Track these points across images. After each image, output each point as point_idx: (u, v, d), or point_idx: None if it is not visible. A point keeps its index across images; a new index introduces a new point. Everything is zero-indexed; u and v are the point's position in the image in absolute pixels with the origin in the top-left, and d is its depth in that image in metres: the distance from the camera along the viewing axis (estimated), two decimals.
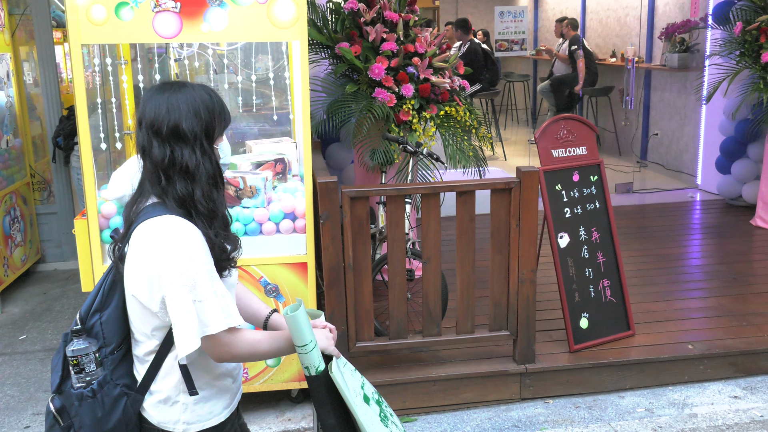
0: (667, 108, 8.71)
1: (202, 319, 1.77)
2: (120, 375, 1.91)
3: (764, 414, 3.69)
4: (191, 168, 1.82)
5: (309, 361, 1.90)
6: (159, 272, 1.77)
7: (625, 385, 3.94)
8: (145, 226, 1.80)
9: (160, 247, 1.77)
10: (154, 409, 1.92)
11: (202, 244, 1.81)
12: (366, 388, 2.08)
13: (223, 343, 1.81)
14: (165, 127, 1.80)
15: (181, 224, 1.80)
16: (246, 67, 4.02)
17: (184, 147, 1.82)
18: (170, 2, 3.19)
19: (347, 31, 4.65)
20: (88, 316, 1.90)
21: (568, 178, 4.00)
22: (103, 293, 1.90)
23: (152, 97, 1.84)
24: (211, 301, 1.78)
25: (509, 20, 9.67)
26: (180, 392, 1.90)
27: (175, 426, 1.92)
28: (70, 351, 1.86)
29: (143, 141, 1.83)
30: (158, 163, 1.81)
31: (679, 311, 4.53)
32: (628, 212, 6.86)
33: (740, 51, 6.11)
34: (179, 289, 1.76)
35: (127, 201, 1.92)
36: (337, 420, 1.96)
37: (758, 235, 6.10)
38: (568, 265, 3.96)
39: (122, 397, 1.89)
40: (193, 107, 1.83)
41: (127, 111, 4.13)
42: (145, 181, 1.86)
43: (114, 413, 1.88)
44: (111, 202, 3.38)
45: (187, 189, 1.82)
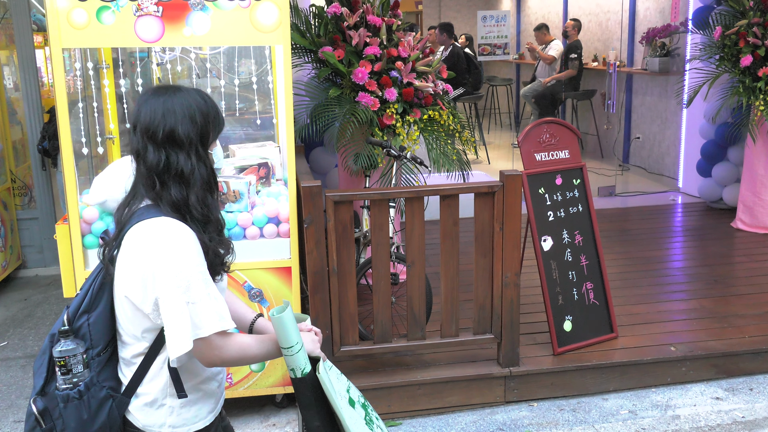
0: (649, 111, 8.79)
1: (195, 321, 1.76)
2: (106, 377, 1.90)
3: (746, 415, 3.72)
4: (186, 173, 1.82)
5: (295, 363, 1.89)
6: (153, 273, 1.76)
7: (608, 388, 3.96)
8: (138, 227, 1.80)
9: (154, 248, 1.76)
10: (139, 411, 1.90)
11: (196, 246, 1.81)
12: (351, 391, 2.08)
13: (214, 346, 1.80)
14: (160, 132, 1.80)
15: (176, 226, 1.80)
16: (229, 71, 4.01)
17: (180, 152, 1.82)
18: (152, 6, 3.17)
19: (330, 36, 4.65)
20: (75, 317, 1.88)
21: (551, 181, 4.02)
22: (91, 295, 1.89)
23: (147, 101, 1.84)
24: (204, 303, 1.77)
25: (492, 24, 9.73)
26: (167, 395, 1.90)
27: (160, 429, 1.91)
28: (58, 352, 1.84)
29: (138, 145, 1.83)
30: (153, 167, 1.81)
31: (661, 313, 4.57)
32: (610, 215, 6.90)
33: (720, 55, 6.17)
34: (173, 291, 1.75)
35: (119, 203, 1.90)
36: (322, 423, 1.95)
37: (739, 237, 6.16)
38: (551, 268, 3.97)
39: (108, 399, 1.88)
40: (189, 112, 1.83)
41: (109, 115, 4.10)
42: (139, 184, 1.86)
43: (99, 415, 1.87)
44: (93, 207, 3.36)
45: (182, 194, 1.82)
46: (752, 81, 5.92)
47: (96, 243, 3.37)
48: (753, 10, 5.92)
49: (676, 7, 8.06)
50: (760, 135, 6.05)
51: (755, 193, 6.21)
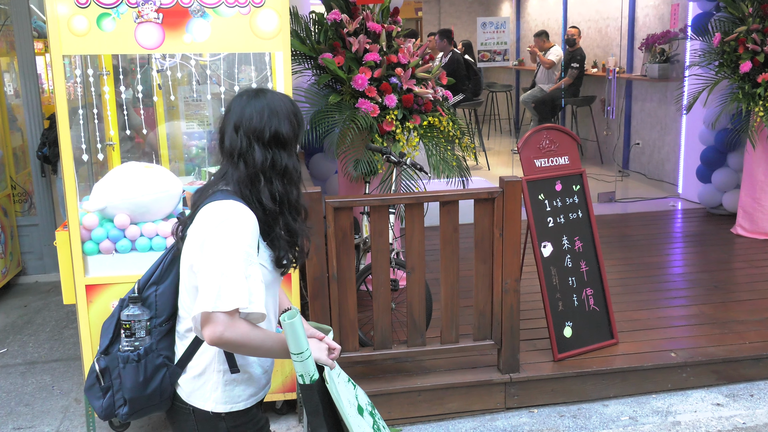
0: (648, 118, 8.80)
1: (222, 292, 1.83)
2: (164, 347, 2.03)
3: (746, 421, 3.72)
4: (290, 170, 1.98)
5: (304, 369, 1.92)
6: (204, 239, 1.88)
7: (609, 394, 3.95)
8: (209, 206, 1.93)
9: (213, 221, 1.89)
10: (187, 384, 2.01)
11: (252, 230, 1.91)
12: (360, 398, 2.10)
13: (220, 321, 1.84)
14: (267, 132, 1.95)
15: (241, 208, 1.91)
16: (229, 78, 4.01)
17: (283, 150, 1.97)
18: (152, 13, 3.18)
19: (330, 42, 4.66)
20: (145, 287, 2.04)
21: (551, 187, 4.03)
22: (162, 268, 2.04)
23: (249, 102, 1.97)
24: (237, 279, 1.85)
25: (491, 31, 9.75)
26: (214, 371, 1.99)
27: (204, 403, 2.00)
28: (125, 315, 1.99)
29: (240, 144, 1.95)
30: (259, 165, 1.94)
31: (661, 319, 4.56)
32: (610, 221, 6.90)
33: (719, 61, 6.18)
34: (214, 259, 1.85)
35: (197, 188, 2.06)
36: (328, 430, 1.99)
37: (739, 243, 6.16)
38: (551, 275, 3.97)
39: (162, 367, 2.01)
40: (287, 114, 1.99)
41: (109, 122, 4.11)
42: (229, 176, 1.96)
43: (153, 380, 1.99)
44: (93, 214, 3.36)
45: (284, 189, 1.97)
46: (752, 87, 5.92)
47: (96, 250, 3.37)
48: (752, 17, 5.93)
49: (676, 13, 8.08)
50: (760, 141, 6.05)
51: (755, 198, 6.21)
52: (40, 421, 3.89)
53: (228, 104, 2.04)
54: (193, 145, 4.44)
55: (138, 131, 3.98)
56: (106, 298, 3.39)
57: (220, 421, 2.02)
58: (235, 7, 3.26)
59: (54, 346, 4.81)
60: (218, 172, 2.03)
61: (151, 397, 2.00)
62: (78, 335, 3.46)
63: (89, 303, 3.38)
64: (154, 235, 3.41)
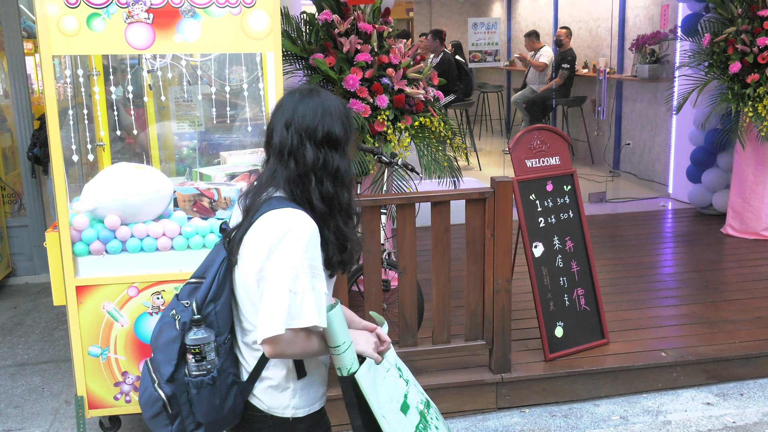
0: (639, 118, 8.83)
1: (292, 310, 1.80)
2: (229, 364, 1.97)
3: (736, 420, 3.74)
4: (341, 172, 1.93)
5: (341, 362, 1.93)
6: (269, 254, 1.83)
7: (600, 393, 3.96)
8: (271, 215, 1.87)
9: (277, 234, 1.83)
10: (264, 395, 1.97)
11: (316, 240, 1.87)
12: (410, 396, 2.11)
13: (284, 339, 1.82)
14: (320, 131, 1.90)
15: (304, 218, 1.87)
16: (220, 78, 4.00)
17: (334, 151, 1.93)
18: (143, 13, 3.17)
19: (321, 43, 4.66)
20: (203, 305, 1.94)
21: (542, 187, 4.04)
22: (217, 283, 1.95)
23: (302, 100, 1.93)
24: (307, 295, 1.82)
25: (482, 31, 9.77)
26: (290, 379, 1.97)
27: (284, 411, 1.98)
28: (192, 340, 1.90)
29: (291, 143, 1.90)
30: (310, 165, 1.89)
31: (652, 319, 4.58)
32: (601, 221, 6.92)
33: (709, 62, 6.21)
34: (280, 275, 1.80)
35: (245, 191, 2.00)
36: (363, 422, 1.99)
37: (728, 243, 6.19)
38: (542, 275, 3.98)
39: (234, 385, 1.96)
40: (339, 115, 1.94)
41: (99, 122, 4.09)
42: (278, 177, 1.92)
43: (228, 400, 1.95)
44: (83, 215, 3.34)
45: (335, 191, 1.93)
46: (741, 87, 5.96)
47: (86, 251, 3.35)
48: (741, 18, 5.96)
49: (665, 14, 8.11)
50: (749, 141, 6.09)
51: (745, 198, 6.25)
52: (30, 423, 3.87)
53: (278, 101, 2.00)
54: (184, 146, 4.43)
55: (128, 132, 3.97)
56: (97, 299, 3.37)
57: (299, 425, 2.01)
58: (226, 7, 3.25)
59: (44, 347, 4.78)
60: (266, 172, 1.97)
61: (227, 416, 1.97)
62: (68, 337, 3.44)
63: (79, 304, 3.37)
64: (145, 236, 3.40)
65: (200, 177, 3.79)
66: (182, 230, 3.43)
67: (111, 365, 3.46)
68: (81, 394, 3.46)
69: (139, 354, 3.46)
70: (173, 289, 3.42)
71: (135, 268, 3.39)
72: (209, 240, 3.45)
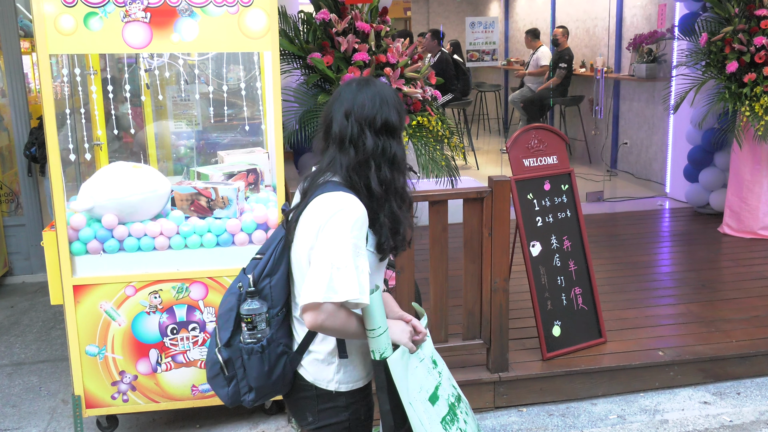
0: (636, 117, 8.84)
1: (333, 284, 1.89)
2: (282, 335, 2.11)
3: (733, 419, 3.74)
4: (398, 158, 2.05)
5: (375, 346, 2.02)
6: (318, 232, 1.94)
7: (597, 392, 3.97)
8: (323, 197, 1.99)
9: (327, 214, 1.94)
10: (311, 366, 2.11)
11: (363, 223, 1.97)
12: (442, 388, 2.19)
13: (324, 310, 1.92)
14: (378, 120, 2.01)
15: (352, 200, 1.97)
16: (217, 77, 4.00)
17: (392, 138, 2.04)
18: (140, 12, 3.17)
19: (319, 42, 4.66)
20: (259, 279, 2.08)
21: (540, 187, 4.04)
22: (274, 259, 2.08)
23: (360, 90, 2.03)
24: (349, 271, 1.91)
25: (480, 31, 9.76)
26: (335, 355, 2.09)
27: (328, 384, 2.10)
28: (246, 310, 2.05)
29: (351, 131, 2.01)
30: (370, 152, 2.00)
31: (649, 318, 4.59)
32: (598, 220, 6.93)
33: (706, 61, 6.22)
34: (325, 251, 1.91)
35: (305, 176, 2.12)
36: (392, 407, 2.08)
37: (725, 242, 6.20)
38: (540, 274, 3.99)
39: (283, 355, 2.10)
40: (394, 103, 2.06)
41: (96, 122, 4.09)
42: (336, 163, 2.02)
43: (276, 368, 2.08)
44: (80, 214, 3.34)
45: (392, 176, 2.04)
46: (738, 87, 5.96)
47: (83, 250, 3.35)
48: (738, 17, 5.97)
49: (663, 13, 8.12)
50: (746, 140, 6.10)
51: (742, 198, 6.26)
52: (27, 422, 3.87)
53: (336, 92, 2.09)
54: (181, 145, 4.42)
55: (126, 131, 3.96)
56: (94, 298, 3.37)
57: (341, 397, 2.12)
58: (224, 6, 3.25)
59: (41, 347, 4.78)
60: (325, 159, 2.07)
61: (275, 383, 2.10)
62: (65, 336, 3.44)
63: (77, 303, 3.36)
64: (142, 235, 3.40)
65: (198, 176, 3.79)
66: (180, 229, 3.43)
67: (108, 364, 3.45)
68: (78, 393, 3.46)
69: (136, 353, 3.45)
70: (170, 289, 3.42)
71: (132, 268, 3.39)
72: (207, 239, 3.45)
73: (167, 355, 3.48)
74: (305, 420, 2.16)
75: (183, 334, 3.48)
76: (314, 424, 2.15)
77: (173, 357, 3.49)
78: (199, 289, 3.45)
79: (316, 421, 2.14)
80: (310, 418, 2.15)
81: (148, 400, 3.53)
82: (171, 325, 3.46)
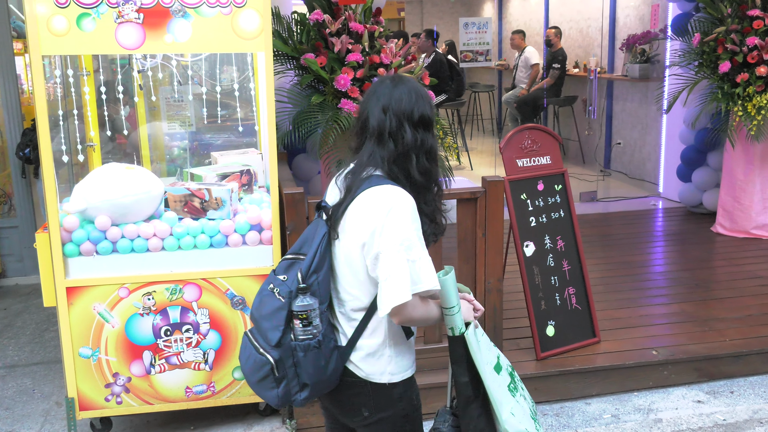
0: (629, 117, 8.86)
1: (414, 276, 1.97)
2: (329, 330, 2.13)
3: (727, 418, 3.75)
4: (434, 149, 2.13)
5: (453, 323, 2.14)
6: (381, 230, 1.98)
7: (591, 392, 3.98)
8: (372, 192, 2.03)
9: (384, 210, 1.99)
10: (362, 362, 2.13)
11: (416, 212, 2.05)
12: (501, 360, 2.30)
13: (411, 304, 1.99)
14: (416, 115, 2.08)
15: (404, 193, 2.04)
16: (211, 78, 3.99)
17: (428, 131, 2.12)
18: (133, 13, 3.16)
19: (312, 42, 4.65)
20: (307, 275, 2.09)
21: (533, 187, 4.04)
22: (319, 256, 2.10)
23: (396, 86, 2.10)
24: (424, 261, 2.00)
25: (474, 31, 9.76)
26: (386, 346, 2.12)
27: (381, 377, 2.13)
28: (300, 306, 2.05)
29: (390, 125, 2.07)
30: (410, 145, 2.07)
31: (643, 318, 4.60)
32: (592, 220, 6.94)
33: (699, 62, 6.23)
34: (396, 248, 1.96)
35: (345, 171, 2.17)
36: (469, 379, 2.17)
37: (719, 241, 6.22)
38: (534, 274, 3.99)
39: (335, 349, 2.12)
40: (427, 97, 2.14)
41: (89, 123, 4.08)
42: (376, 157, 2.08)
43: (330, 363, 2.10)
44: (73, 216, 3.33)
45: (430, 165, 2.11)
46: (731, 87, 5.98)
47: (76, 251, 3.34)
48: (731, 17, 5.99)
49: (656, 14, 8.14)
50: (739, 140, 6.12)
51: (735, 197, 6.28)
52: (21, 425, 3.85)
53: (371, 89, 2.16)
54: (174, 146, 4.42)
55: (119, 132, 3.96)
56: (87, 300, 3.36)
57: (394, 389, 2.16)
58: (217, 7, 3.24)
59: (34, 349, 4.76)
60: (363, 153, 2.12)
61: (330, 378, 2.11)
62: (59, 338, 3.43)
63: (70, 305, 3.35)
64: (136, 237, 3.39)
65: (191, 177, 3.79)
66: (173, 231, 3.43)
67: (102, 366, 3.44)
68: (72, 395, 3.45)
69: (130, 355, 3.45)
70: (164, 290, 3.42)
71: (126, 269, 3.38)
72: (200, 240, 3.45)
73: (161, 356, 3.48)
74: (360, 416, 2.18)
75: (177, 335, 3.47)
76: (370, 418, 2.17)
77: (167, 359, 3.49)
78: (193, 290, 3.45)
79: (372, 414, 2.16)
80: (366, 413, 2.17)
81: (142, 402, 3.52)
82: (164, 326, 3.45)
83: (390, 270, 1.96)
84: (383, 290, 1.97)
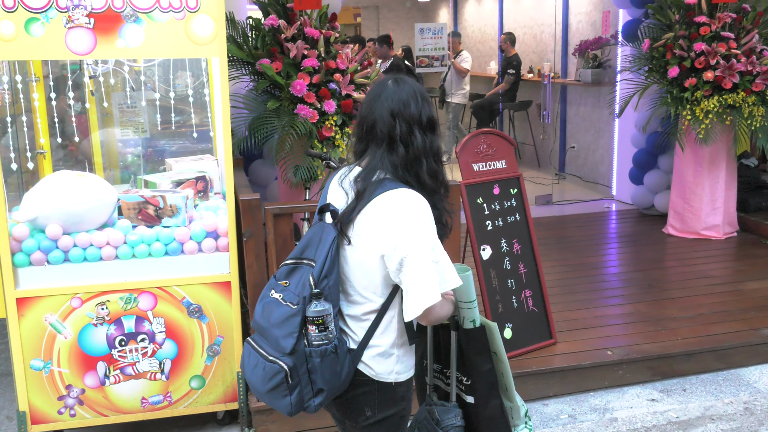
0: (583, 122, 9.01)
1: (442, 276, 2.03)
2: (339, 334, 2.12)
3: (680, 415, 3.83)
4: (440, 151, 2.15)
5: (474, 315, 2.23)
6: (403, 235, 1.99)
7: (548, 393, 4.02)
8: (387, 196, 2.03)
9: (403, 214, 2.00)
10: (372, 362, 2.13)
11: (432, 213, 2.07)
12: None
13: (439, 305, 2.03)
14: (424, 117, 2.09)
15: (419, 197, 2.05)
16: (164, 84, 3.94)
17: (433, 132, 2.12)
18: (83, 18, 3.11)
19: (268, 48, 4.63)
20: (319, 280, 2.07)
21: (489, 191, 4.08)
22: (330, 260, 2.08)
23: (399, 89, 2.09)
24: (446, 260, 2.05)
25: (429, 37, 9.84)
26: (395, 346, 2.14)
27: (389, 376, 2.15)
28: (315, 312, 2.03)
29: (400, 130, 2.06)
30: (421, 150, 2.07)
31: (598, 318, 4.67)
32: (547, 223, 7.03)
33: (649, 67, 6.37)
34: (421, 251, 1.98)
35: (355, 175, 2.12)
36: (491, 368, 2.28)
37: (670, 242, 6.36)
38: (491, 277, 4.03)
39: (347, 353, 2.11)
40: (428, 98, 2.14)
41: (39, 130, 3.99)
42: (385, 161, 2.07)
43: (344, 367, 2.09)
44: (23, 225, 3.26)
45: (438, 167, 2.12)
46: (680, 91, 6.12)
47: (27, 261, 3.26)
48: (679, 23, 6.13)
49: (607, 20, 8.30)
50: (688, 143, 6.26)
51: (685, 199, 6.43)
52: None
53: (373, 92, 2.13)
54: (128, 153, 4.35)
55: (70, 139, 3.88)
56: (39, 311, 3.29)
57: (399, 388, 2.18)
58: (170, 12, 3.21)
59: None
60: (371, 158, 2.10)
61: (344, 381, 2.11)
62: (9, 350, 3.35)
63: (20, 317, 3.27)
64: (88, 246, 3.32)
65: (145, 184, 3.73)
66: (127, 239, 3.37)
67: (54, 379, 3.37)
68: (23, 409, 3.37)
69: (83, 366, 3.38)
70: (118, 300, 3.36)
71: (78, 279, 3.32)
72: (155, 248, 3.40)
73: (115, 367, 3.42)
74: (362, 416, 2.18)
75: (132, 345, 3.41)
76: (373, 417, 2.17)
77: (122, 369, 3.43)
78: (148, 299, 3.39)
79: (375, 414, 2.17)
80: (369, 412, 2.17)
81: (97, 414, 3.45)
82: (119, 336, 3.39)
83: (417, 273, 1.97)
84: (411, 293, 1.98)
